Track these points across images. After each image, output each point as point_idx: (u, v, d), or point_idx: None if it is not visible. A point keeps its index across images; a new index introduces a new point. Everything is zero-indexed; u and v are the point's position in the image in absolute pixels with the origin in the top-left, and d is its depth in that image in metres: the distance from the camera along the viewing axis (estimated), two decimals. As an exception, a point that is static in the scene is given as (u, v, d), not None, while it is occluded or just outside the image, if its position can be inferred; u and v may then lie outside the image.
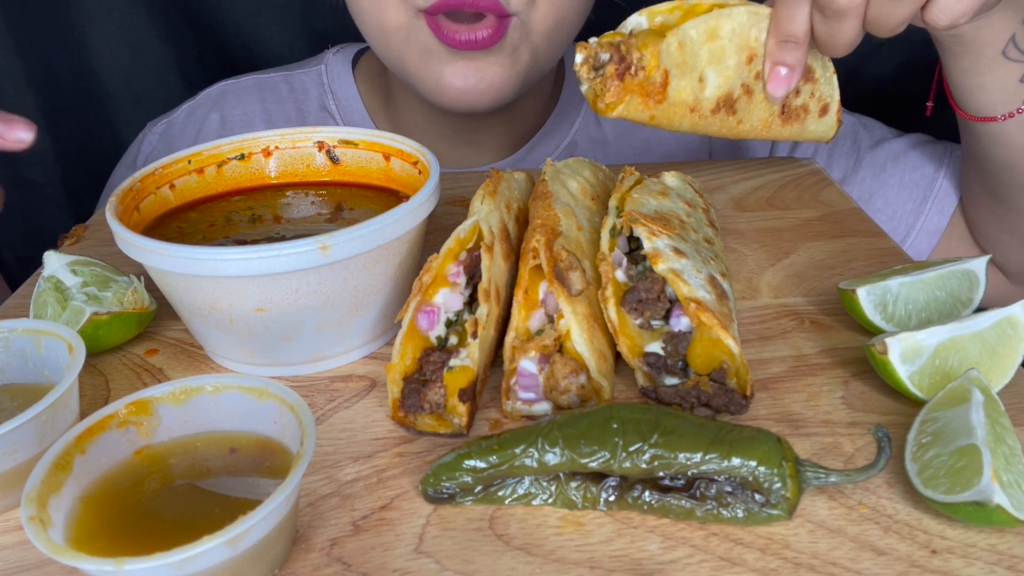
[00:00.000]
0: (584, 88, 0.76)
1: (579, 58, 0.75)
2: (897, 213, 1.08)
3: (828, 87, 0.84)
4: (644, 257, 0.63)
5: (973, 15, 0.70)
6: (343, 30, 1.25)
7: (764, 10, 0.78)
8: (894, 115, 1.22)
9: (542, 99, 1.19)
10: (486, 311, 0.59)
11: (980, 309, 0.63)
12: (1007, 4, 0.79)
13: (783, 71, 0.77)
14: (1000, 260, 1.00)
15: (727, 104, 0.80)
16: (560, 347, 0.60)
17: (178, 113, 1.25)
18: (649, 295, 0.61)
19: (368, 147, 0.78)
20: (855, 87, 1.21)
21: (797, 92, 0.83)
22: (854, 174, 1.10)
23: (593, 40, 0.75)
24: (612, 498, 0.52)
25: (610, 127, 1.21)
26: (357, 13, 1.01)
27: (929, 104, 0.96)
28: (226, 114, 1.21)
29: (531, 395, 0.60)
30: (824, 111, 0.85)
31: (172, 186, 0.76)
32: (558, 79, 1.22)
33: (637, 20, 0.77)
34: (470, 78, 0.97)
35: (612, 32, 0.76)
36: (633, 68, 0.74)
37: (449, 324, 0.61)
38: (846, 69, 0.83)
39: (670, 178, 0.76)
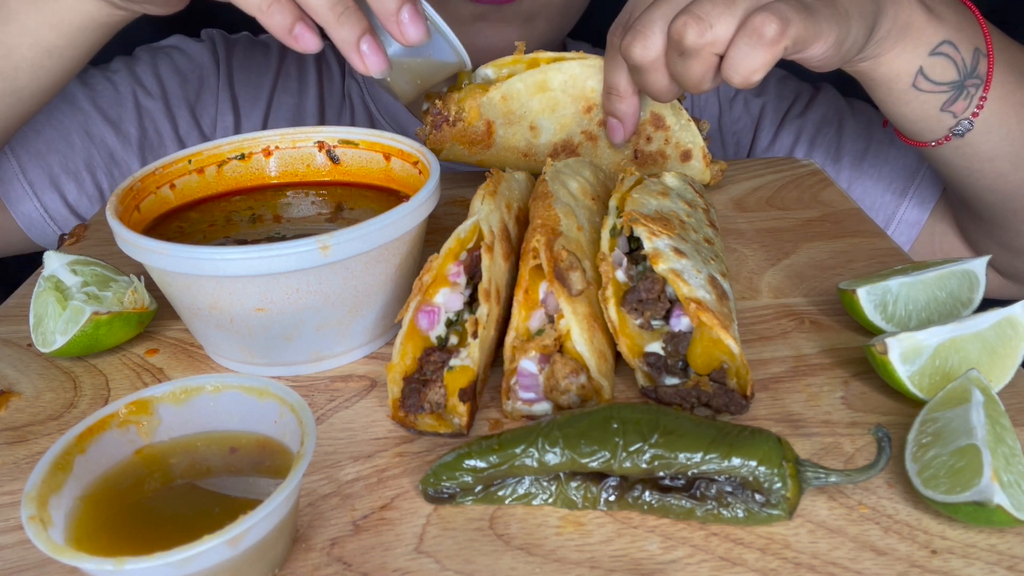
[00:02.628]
0: (421, 138, 0.86)
1: (425, 106, 0.85)
2: (876, 203, 1.08)
3: (686, 133, 0.88)
4: (644, 257, 0.63)
5: (766, 71, 0.69)
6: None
7: (598, 61, 0.84)
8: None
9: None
10: (486, 311, 0.59)
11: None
12: (904, 39, 0.79)
13: (614, 122, 0.84)
14: (974, 248, 1.02)
15: (566, 149, 0.88)
16: (560, 347, 0.60)
17: (238, 36, 1.23)
18: (649, 295, 0.61)
19: (368, 147, 0.78)
20: (857, 88, 1.21)
21: (648, 139, 0.88)
22: (836, 161, 1.11)
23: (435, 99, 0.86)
24: (612, 498, 0.52)
25: None
26: None
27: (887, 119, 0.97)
28: (281, 69, 1.20)
29: (531, 395, 0.60)
30: (686, 156, 0.89)
31: (172, 186, 0.76)
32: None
33: (484, 73, 0.87)
34: (491, 38, 1.03)
35: (450, 87, 0.86)
36: (451, 119, 0.85)
37: (449, 324, 0.61)
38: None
39: (670, 178, 0.76)
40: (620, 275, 0.63)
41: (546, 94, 0.84)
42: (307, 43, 0.70)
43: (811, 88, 1.20)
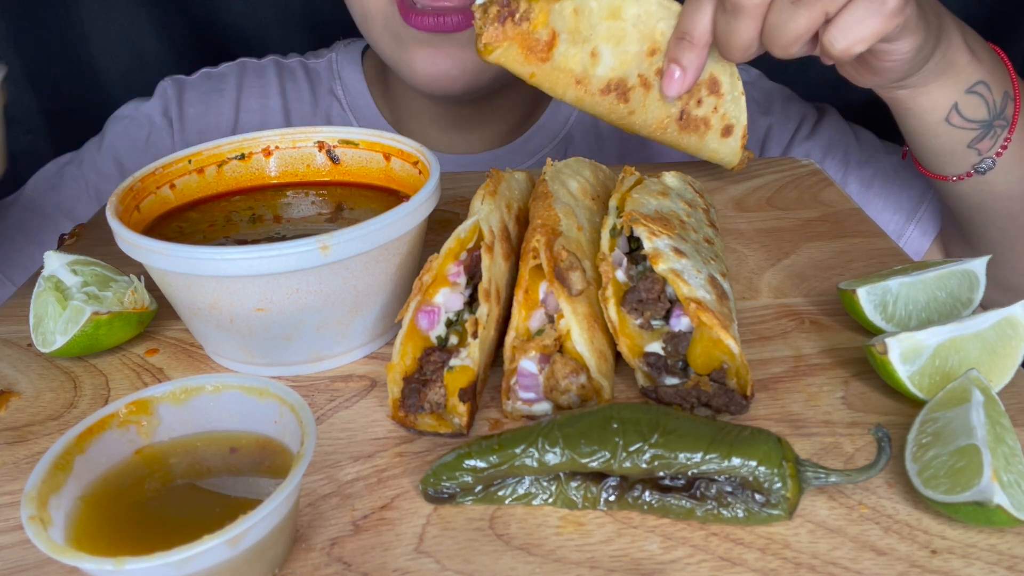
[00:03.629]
0: (475, 24, 0.75)
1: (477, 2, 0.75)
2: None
3: (734, 107, 0.84)
4: (644, 257, 0.63)
5: (869, 45, 0.69)
6: (344, 32, 1.26)
7: (675, 6, 0.78)
8: (885, 118, 1.22)
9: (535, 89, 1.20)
10: (486, 311, 0.59)
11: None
12: (946, 74, 0.80)
13: (676, 71, 0.77)
14: None
15: (618, 89, 0.80)
16: (560, 347, 0.60)
17: (195, 76, 1.25)
18: (649, 295, 0.61)
19: (368, 147, 0.78)
20: (846, 89, 1.21)
21: (699, 102, 0.83)
22: (841, 187, 1.10)
23: None
24: (612, 498, 0.52)
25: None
26: (348, 3, 1.04)
27: (905, 149, 0.98)
28: (244, 83, 1.22)
29: (531, 395, 0.60)
30: (727, 132, 0.85)
31: (172, 186, 0.76)
32: None
33: None
34: (440, 65, 0.99)
35: None
36: (517, 16, 0.74)
37: (449, 324, 0.61)
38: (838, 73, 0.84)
39: (670, 178, 0.76)
40: (620, 275, 0.63)
41: (616, 22, 0.77)
42: None
43: (816, 110, 1.20)
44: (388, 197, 0.76)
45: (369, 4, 1.00)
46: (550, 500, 0.53)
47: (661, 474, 0.51)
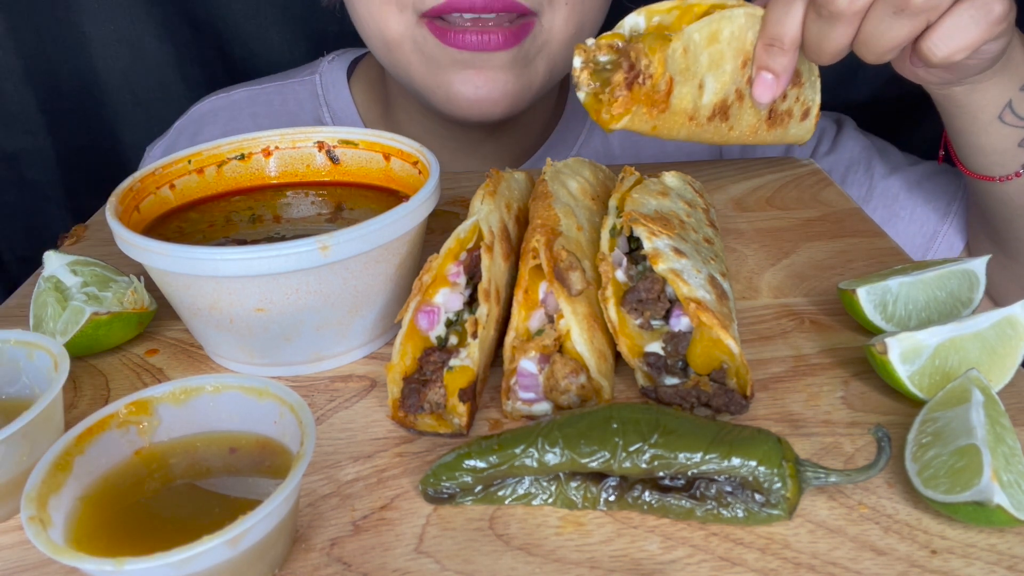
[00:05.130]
0: (582, 95, 0.70)
1: (577, 62, 0.69)
2: (907, 246, 1.06)
3: (812, 91, 0.83)
4: (644, 257, 0.63)
5: (969, 54, 0.68)
6: (342, 33, 1.25)
7: (760, 12, 0.75)
8: (892, 116, 1.21)
9: (547, 109, 1.15)
10: (486, 311, 0.59)
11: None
12: (1004, 70, 0.79)
13: (768, 77, 0.73)
14: (1003, 302, 1.00)
15: (722, 111, 0.77)
16: (560, 347, 0.60)
17: (170, 133, 1.22)
18: (649, 295, 0.61)
19: (368, 147, 0.78)
20: (844, 89, 1.21)
21: (784, 96, 0.81)
22: (866, 204, 1.09)
23: (590, 41, 0.70)
24: (612, 498, 0.52)
25: (617, 140, 1.18)
26: (359, 26, 0.98)
27: (941, 153, 0.96)
28: (216, 133, 1.17)
29: (531, 395, 0.60)
30: (806, 115, 0.84)
31: (172, 186, 0.76)
32: (563, 87, 1.18)
33: (635, 20, 0.72)
34: (481, 88, 0.93)
35: (609, 33, 0.71)
36: (642, 77, 0.68)
37: (449, 324, 0.61)
38: (841, 70, 0.83)
39: (670, 178, 0.76)
40: (620, 275, 0.63)
41: (714, 47, 0.73)
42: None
43: (833, 123, 1.18)
44: (388, 197, 0.76)
45: (390, 31, 0.93)
46: (550, 500, 0.53)
47: (661, 474, 0.51)
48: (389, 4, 0.92)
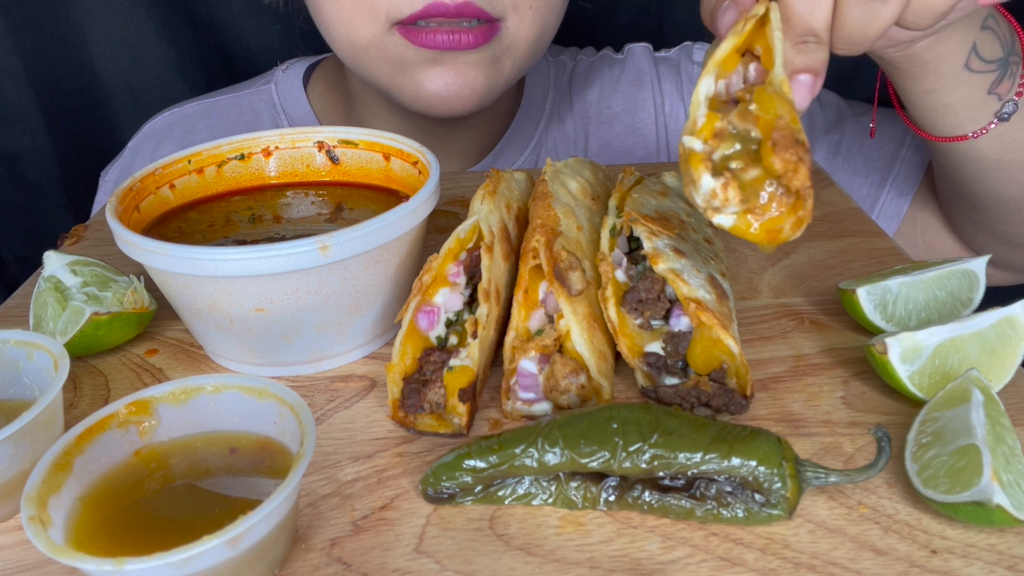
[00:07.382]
0: (728, 221, 0.52)
1: (706, 184, 0.51)
2: (854, 196, 1.05)
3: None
4: (644, 257, 0.63)
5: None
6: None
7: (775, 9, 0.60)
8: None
9: (507, 102, 1.17)
10: (486, 311, 0.59)
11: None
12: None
13: (809, 79, 0.59)
14: (978, 252, 0.99)
15: None
16: (560, 347, 0.60)
17: (125, 154, 1.22)
18: (649, 295, 0.61)
19: (368, 147, 0.78)
20: (854, 88, 1.21)
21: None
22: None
23: (692, 141, 0.52)
24: (612, 498, 0.52)
25: (571, 125, 1.19)
26: (326, 30, 1.00)
27: (872, 126, 0.95)
28: (172, 149, 1.15)
29: (531, 395, 0.60)
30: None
31: (172, 186, 0.76)
32: (519, 81, 1.19)
33: (708, 84, 0.54)
34: (452, 84, 0.95)
35: (707, 113, 0.52)
36: (779, 187, 0.51)
37: (449, 324, 0.61)
38: (843, 68, 0.83)
39: (670, 178, 0.76)
40: (620, 275, 0.63)
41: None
42: None
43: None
44: (388, 197, 0.76)
45: (358, 35, 0.95)
46: (550, 500, 0.53)
47: (661, 474, 0.51)
48: (360, 11, 0.93)
